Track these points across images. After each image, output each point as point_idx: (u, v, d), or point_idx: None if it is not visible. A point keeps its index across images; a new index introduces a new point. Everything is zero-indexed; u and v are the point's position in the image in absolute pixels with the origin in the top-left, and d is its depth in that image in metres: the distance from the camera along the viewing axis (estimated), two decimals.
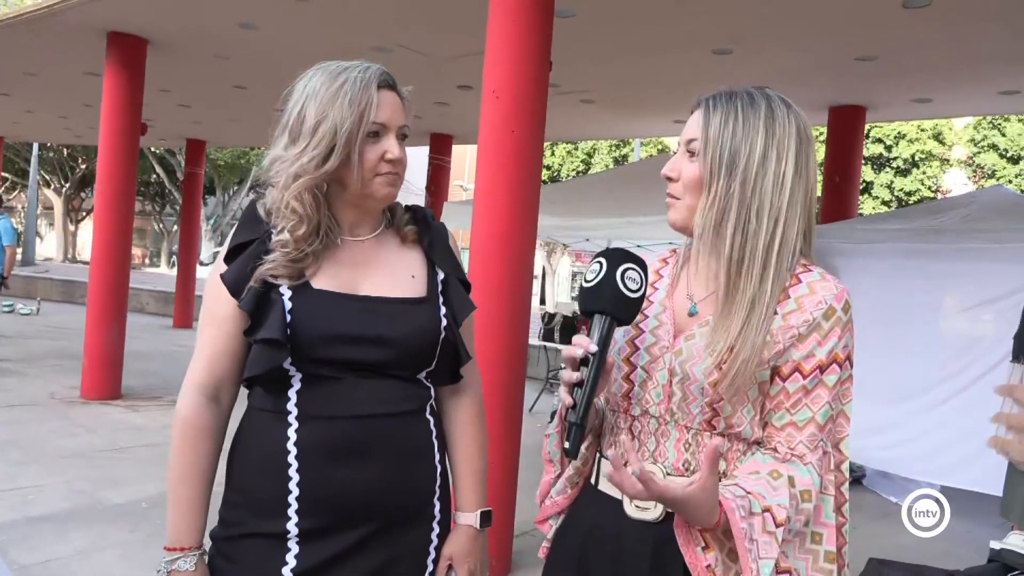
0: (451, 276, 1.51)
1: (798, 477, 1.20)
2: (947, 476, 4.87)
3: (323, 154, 1.35)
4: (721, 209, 1.25)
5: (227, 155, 27.00)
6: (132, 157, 7.43)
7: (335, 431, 1.36)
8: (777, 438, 1.25)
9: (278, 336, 1.33)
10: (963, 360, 5.02)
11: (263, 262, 1.36)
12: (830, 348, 1.23)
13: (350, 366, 1.37)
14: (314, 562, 1.35)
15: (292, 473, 1.34)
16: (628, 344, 1.34)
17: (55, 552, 3.66)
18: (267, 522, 1.36)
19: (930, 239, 5.30)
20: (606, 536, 1.32)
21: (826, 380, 1.23)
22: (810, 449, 1.22)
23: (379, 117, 1.37)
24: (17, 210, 34.92)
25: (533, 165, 3.88)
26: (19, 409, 6.50)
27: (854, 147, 8.31)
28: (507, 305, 3.77)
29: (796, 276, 1.27)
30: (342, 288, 1.40)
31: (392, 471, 1.39)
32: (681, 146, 1.32)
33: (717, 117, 1.26)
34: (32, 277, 18.13)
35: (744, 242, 1.24)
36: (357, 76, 1.38)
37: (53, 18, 6.93)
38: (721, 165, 1.25)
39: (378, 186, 1.40)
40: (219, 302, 1.39)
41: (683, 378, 1.26)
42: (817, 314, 1.24)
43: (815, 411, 1.23)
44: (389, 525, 1.39)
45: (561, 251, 30.88)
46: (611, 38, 6.22)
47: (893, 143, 23.00)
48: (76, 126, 13.42)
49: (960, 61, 6.23)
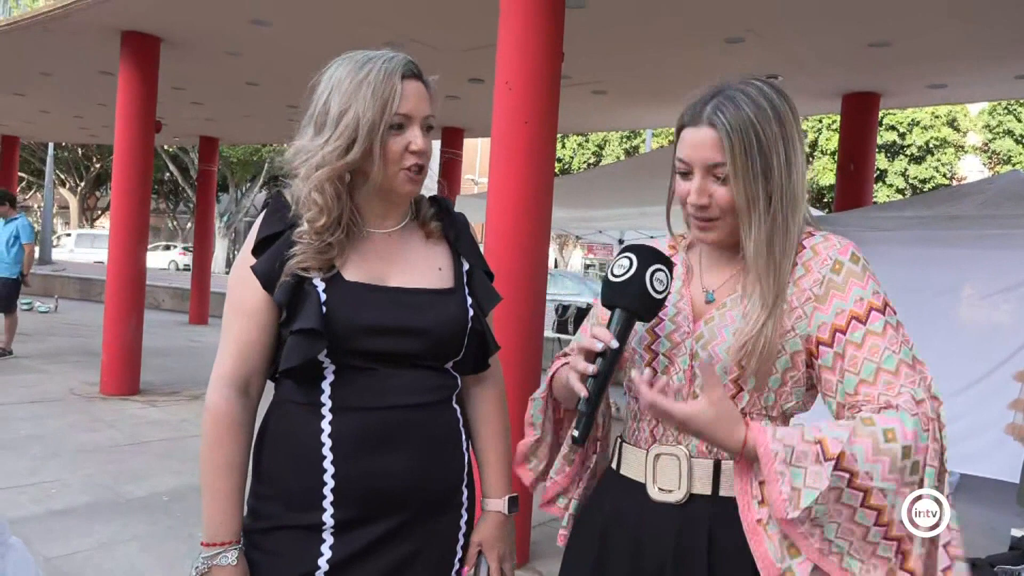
0: (476, 268, 1.51)
1: (880, 420, 1.11)
2: (967, 464, 4.84)
3: (345, 145, 1.34)
4: (769, 229, 1.25)
5: (240, 152, 27.09)
6: (147, 155, 7.48)
7: (369, 422, 1.36)
8: (857, 402, 1.17)
9: (316, 326, 1.32)
10: (982, 348, 4.98)
11: (291, 255, 1.35)
12: (857, 297, 1.21)
13: (382, 357, 1.38)
14: (348, 552, 1.36)
15: (327, 465, 1.35)
16: (648, 332, 1.34)
17: (78, 545, 3.71)
18: (301, 514, 1.36)
19: (947, 226, 5.26)
20: (628, 519, 1.33)
21: (872, 328, 1.19)
22: (892, 396, 1.14)
23: (403, 108, 1.36)
24: (33, 209, 35.22)
25: (546, 156, 3.88)
26: (40, 405, 6.57)
27: (868, 134, 8.26)
28: (522, 297, 3.77)
29: (800, 243, 1.28)
30: (372, 280, 1.40)
31: (423, 460, 1.40)
32: (698, 169, 1.27)
33: (736, 136, 1.22)
34: (50, 275, 18.30)
35: (784, 245, 1.25)
36: (381, 66, 1.36)
37: (67, 18, 6.97)
38: (756, 185, 1.23)
39: (401, 181, 1.39)
40: (249, 292, 1.38)
41: (706, 359, 1.26)
42: (825, 271, 1.24)
43: (878, 360, 1.17)
44: (420, 513, 1.41)
45: (573, 243, 30.86)
46: (622, 29, 6.20)
47: (907, 130, 22.83)
48: (91, 125, 13.51)
49: (974, 45, 6.17)
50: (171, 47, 7.44)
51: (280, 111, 10.15)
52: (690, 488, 1.27)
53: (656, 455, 1.30)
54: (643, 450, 1.33)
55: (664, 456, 1.29)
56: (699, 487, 1.27)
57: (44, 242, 25.35)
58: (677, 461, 1.28)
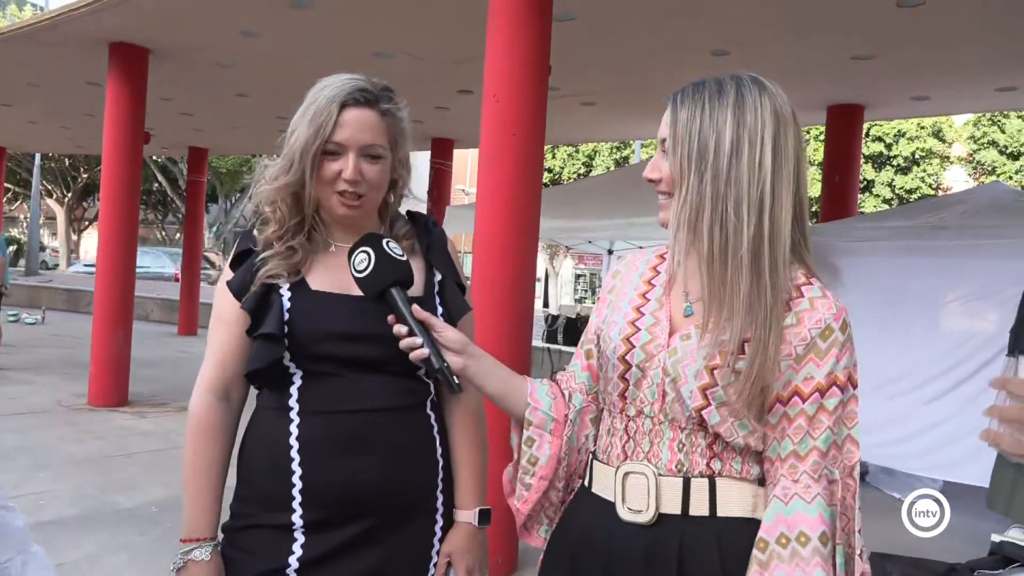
0: (447, 278, 1.55)
1: (807, 524, 1.16)
2: (949, 471, 4.89)
3: (286, 165, 1.43)
4: (695, 206, 1.21)
5: (229, 163, 27.05)
6: (136, 166, 7.49)
7: (335, 425, 1.41)
8: (780, 471, 1.20)
9: (274, 331, 1.40)
10: (961, 354, 5.05)
11: (261, 264, 1.44)
12: (828, 370, 1.19)
13: (348, 363, 1.43)
14: (319, 552, 1.39)
15: (295, 467, 1.40)
16: (623, 342, 1.30)
17: (66, 556, 3.70)
18: (273, 514, 1.41)
19: (930, 236, 5.33)
20: (598, 539, 1.30)
21: (826, 404, 1.19)
22: (815, 479, 1.18)
23: (336, 136, 1.40)
24: (20, 220, 35.00)
25: (534, 167, 3.92)
26: (27, 417, 6.54)
27: (853, 145, 8.35)
28: (510, 307, 3.80)
29: (799, 288, 1.23)
30: (335, 289, 1.46)
31: (392, 464, 1.43)
32: (659, 146, 1.30)
33: (684, 112, 1.23)
34: (36, 287, 18.19)
35: (725, 238, 1.19)
36: (329, 92, 1.41)
37: (55, 29, 6.98)
38: (690, 161, 1.21)
39: (335, 204, 1.44)
40: (226, 306, 1.47)
41: (675, 378, 1.23)
42: (814, 333, 1.20)
43: (816, 438, 1.19)
44: (392, 517, 1.44)
45: (564, 253, 30.90)
46: (609, 41, 6.26)
47: (893, 141, 23.01)
48: (78, 136, 13.48)
49: (957, 58, 6.27)
50: (160, 58, 7.45)
51: (269, 122, 10.12)
52: (659, 507, 1.23)
53: (625, 473, 1.27)
54: (612, 467, 1.30)
55: (632, 475, 1.26)
56: (668, 507, 1.23)
57: (31, 253, 25.19)
58: (645, 480, 1.25)
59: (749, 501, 1.23)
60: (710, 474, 1.23)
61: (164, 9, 6.27)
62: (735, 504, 1.23)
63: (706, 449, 1.23)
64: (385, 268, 1.36)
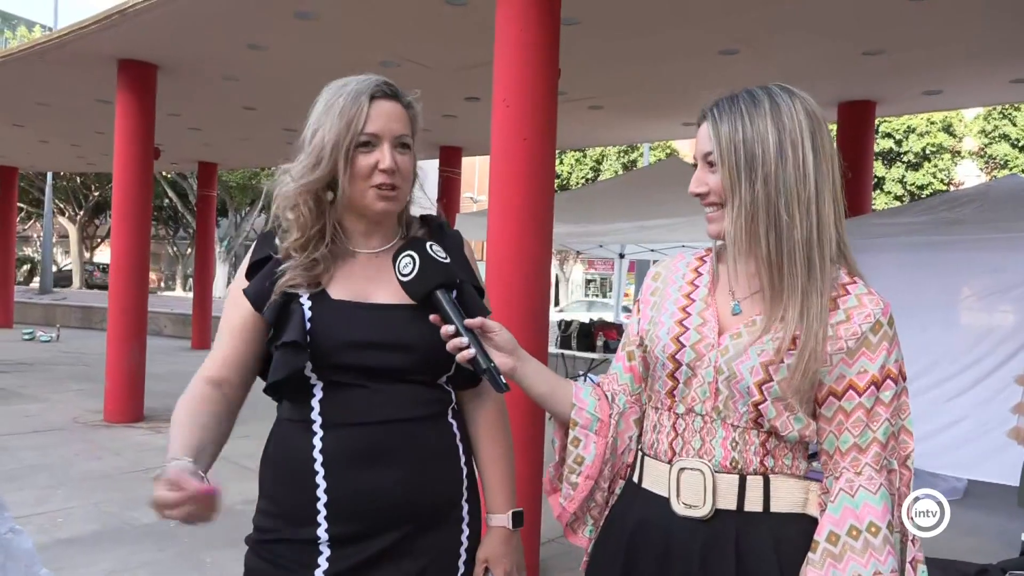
0: (465, 283, 1.52)
1: (875, 514, 1.21)
2: (973, 469, 4.82)
3: (313, 163, 1.40)
4: (750, 213, 1.26)
5: (238, 176, 27.17)
6: (147, 182, 7.52)
7: (358, 437, 1.39)
8: (842, 464, 1.25)
9: (298, 339, 1.37)
10: (981, 350, 4.98)
11: (281, 274, 1.42)
12: (881, 363, 1.25)
13: (369, 373, 1.40)
14: (346, 566, 1.37)
15: (319, 480, 1.38)
16: (673, 341, 1.33)
17: (86, 573, 3.69)
18: (298, 529, 1.39)
19: (947, 231, 5.27)
20: (655, 532, 1.33)
21: (883, 396, 1.24)
22: (877, 471, 1.23)
23: (369, 127, 1.40)
24: (33, 239, 35.26)
25: (546, 171, 3.89)
26: (45, 434, 6.56)
27: (865, 142, 8.27)
28: (525, 313, 3.77)
29: (844, 287, 1.28)
30: (356, 297, 1.44)
31: (416, 474, 1.41)
32: (700, 161, 1.33)
33: (725, 125, 1.28)
34: (51, 304, 18.30)
35: (780, 240, 1.24)
36: (352, 88, 1.41)
37: (63, 48, 7.03)
38: (740, 171, 1.26)
39: (372, 199, 1.43)
40: (237, 312, 1.45)
41: (729, 376, 1.27)
42: (865, 327, 1.25)
43: (876, 431, 1.24)
44: (417, 529, 1.41)
45: (574, 258, 30.89)
46: (616, 44, 6.24)
47: (903, 137, 22.87)
48: (89, 154, 13.57)
49: (968, 51, 6.21)
50: (167, 74, 7.49)
51: (277, 135, 10.19)
52: (715, 504, 1.27)
53: (680, 469, 1.31)
54: (665, 463, 1.33)
55: (688, 471, 1.30)
56: (724, 502, 1.28)
57: (44, 271, 25.35)
58: (701, 476, 1.28)
59: (800, 497, 1.28)
60: (764, 471, 1.28)
61: (171, 25, 6.29)
62: (787, 500, 1.28)
63: (759, 447, 1.28)
64: (430, 271, 1.38)
